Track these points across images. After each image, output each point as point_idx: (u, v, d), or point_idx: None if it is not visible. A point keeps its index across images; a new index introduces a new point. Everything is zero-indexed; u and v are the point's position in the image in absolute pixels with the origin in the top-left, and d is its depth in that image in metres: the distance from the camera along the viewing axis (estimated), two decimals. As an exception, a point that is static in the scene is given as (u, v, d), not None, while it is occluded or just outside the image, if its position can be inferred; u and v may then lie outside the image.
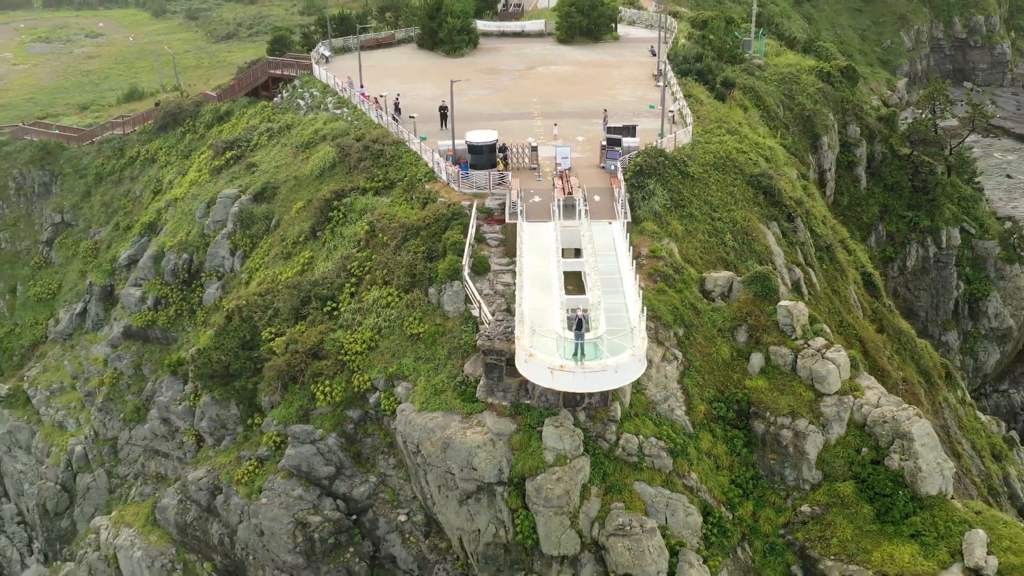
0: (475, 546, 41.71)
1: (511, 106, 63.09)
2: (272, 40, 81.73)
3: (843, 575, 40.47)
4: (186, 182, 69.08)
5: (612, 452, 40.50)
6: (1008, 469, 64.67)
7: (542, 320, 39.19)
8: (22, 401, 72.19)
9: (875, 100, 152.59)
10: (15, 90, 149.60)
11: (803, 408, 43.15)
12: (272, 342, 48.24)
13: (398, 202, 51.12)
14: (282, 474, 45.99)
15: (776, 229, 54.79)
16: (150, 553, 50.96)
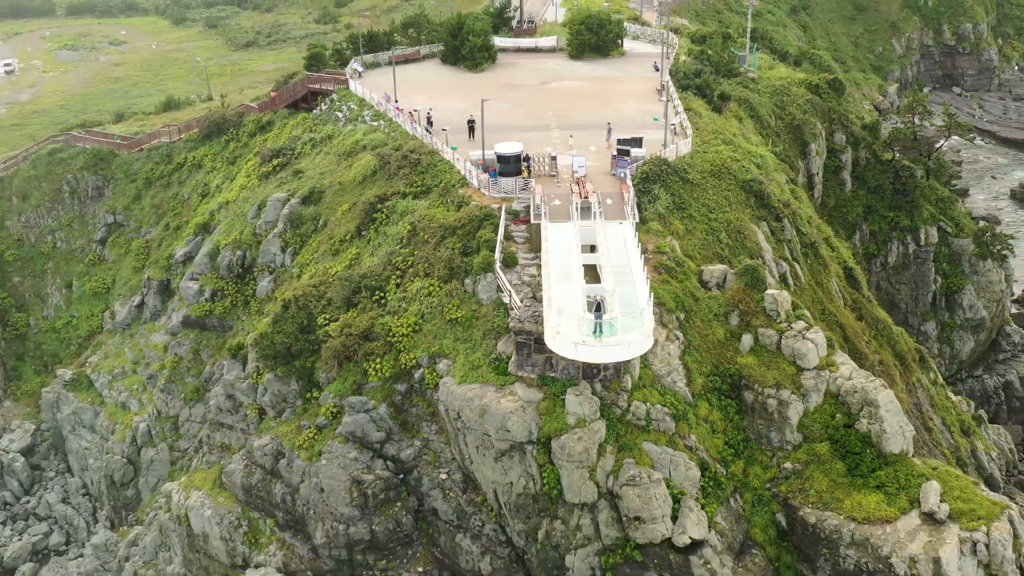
0: (508, 497, 49.21)
1: (530, 118, 70.59)
2: (308, 57, 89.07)
3: (819, 520, 47.97)
4: (236, 186, 76.61)
5: (624, 417, 48.00)
6: (976, 443, 72.12)
7: (566, 305, 46.65)
8: (85, 385, 79.67)
9: (867, 105, 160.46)
10: (48, 96, 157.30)
11: (786, 381, 50.64)
12: (328, 326, 55.73)
13: (435, 205, 58.62)
14: (339, 439, 53.47)
15: (765, 228, 62.22)
16: (218, 512, 58.38)
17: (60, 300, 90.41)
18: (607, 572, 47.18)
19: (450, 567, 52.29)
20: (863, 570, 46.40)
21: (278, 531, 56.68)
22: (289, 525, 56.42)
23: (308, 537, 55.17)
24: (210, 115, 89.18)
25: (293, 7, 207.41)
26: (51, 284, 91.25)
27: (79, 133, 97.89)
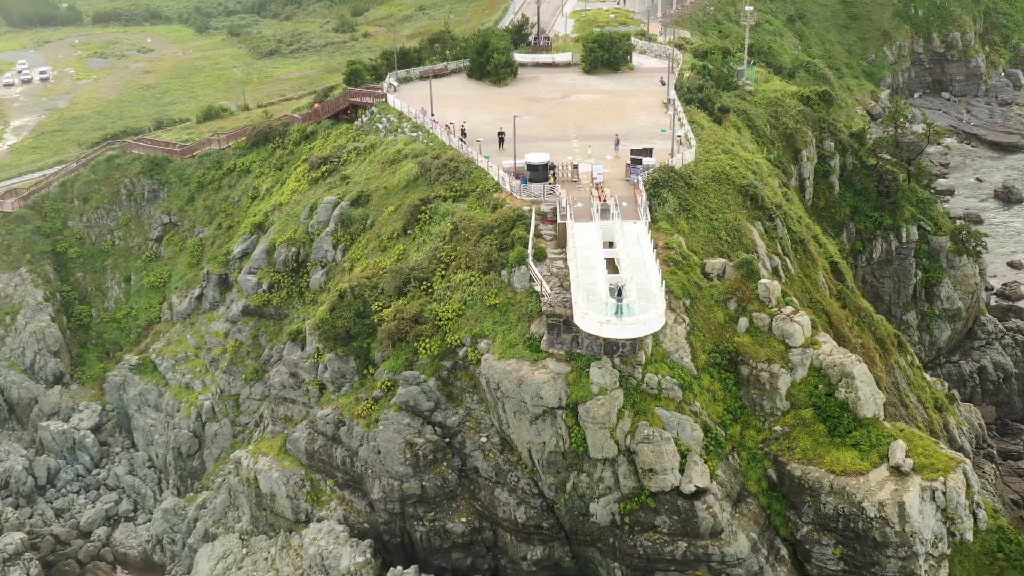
0: (540, 455, 58.11)
1: (552, 130, 79.46)
2: (348, 73, 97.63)
3: (804, 473, 56.88)
4: (287, 190, 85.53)
5: (639, 386, 56.89)
6: (948, 419, 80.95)
7: (591, 291, 55.55)
8: (150, 369, 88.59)
9: (859, 110, 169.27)
10: (84, 103, 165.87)
11: (776, 357, 59.53)
12: (382, 312, 64.66)
13: (473, 207, 67.55)
14: (394, 408, 62.35)
15: (760, 227, 71.13)
16: (284, 474, 67.27)
17: (119, 293, 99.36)
18: (625, 516, 56.13)
19: (489, 517, 61.18)
20: (840, 514, 55.32)
21: (338, 489, 65.61)
22: (348, 484, 65.30)
23: (365, 494, 64.05)
24: (257, 124, 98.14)
25: (311, 16, 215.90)
26: (111, 279, 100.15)
27: (133, 141, 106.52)
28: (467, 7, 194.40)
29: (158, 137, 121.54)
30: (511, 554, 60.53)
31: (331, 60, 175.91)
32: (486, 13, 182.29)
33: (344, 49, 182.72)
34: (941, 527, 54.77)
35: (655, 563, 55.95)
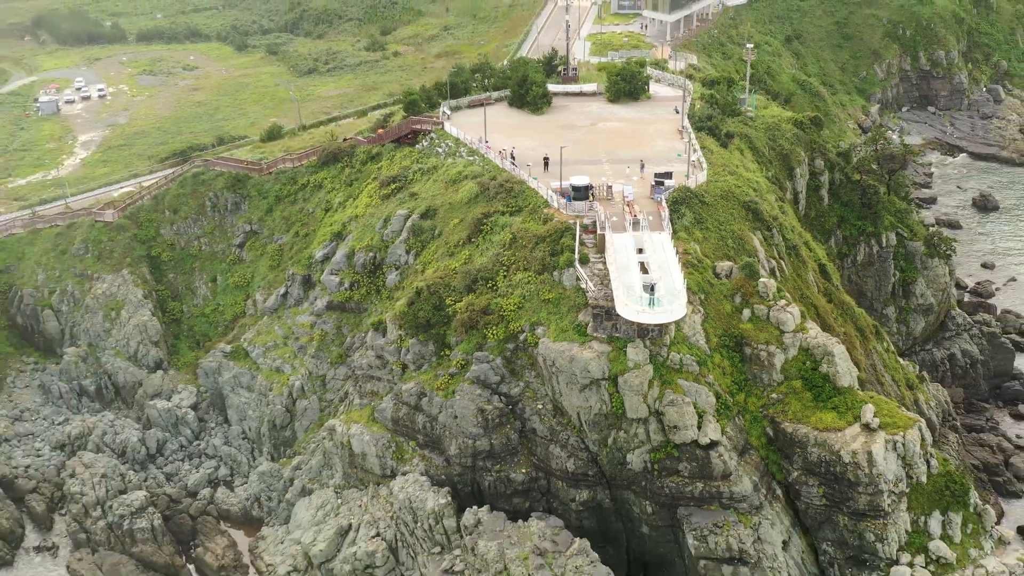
0: (587, 416, 73.75)
1: (586, 154, 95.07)
2: (406, 104, 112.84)
3: (794, 430, 72.58)
4: (361, 204, 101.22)
5: (665, 362, 72.50)
6: (918, 395, 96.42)
7: (628, 288, 71.22)
8: (242, 355, 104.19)
9: (851, 124, 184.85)
10: (143, 119, 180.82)
11: (773, 340, 75.22)
12: (456, 305, 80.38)
13: (527, 220, 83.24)
14: (467, 381, 78.00)
15: (760, 236, 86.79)
16: (374, 437, 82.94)
17: (207, 292, 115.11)
18: (655, 464, 71.83)
19: (544, 468, 76.84)
20: (822, 461, 71.05)
21: (419, 449, 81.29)
22: (427, 444, 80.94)
23: (443, 451, 79.68)
24: (327, 146, 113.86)
25: (341, 34, 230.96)
26: (199, 279, 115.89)
27: (216, 159, 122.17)
28: (488, 27, 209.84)
29: (220, 153, 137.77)
30: (561, 497, 76.19)
31: (366, 79, 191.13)
32: (507, 35, 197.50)
33: (377, 68, 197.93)
34: (901, 471, 70.48)
35: (678, 500, 71.69)
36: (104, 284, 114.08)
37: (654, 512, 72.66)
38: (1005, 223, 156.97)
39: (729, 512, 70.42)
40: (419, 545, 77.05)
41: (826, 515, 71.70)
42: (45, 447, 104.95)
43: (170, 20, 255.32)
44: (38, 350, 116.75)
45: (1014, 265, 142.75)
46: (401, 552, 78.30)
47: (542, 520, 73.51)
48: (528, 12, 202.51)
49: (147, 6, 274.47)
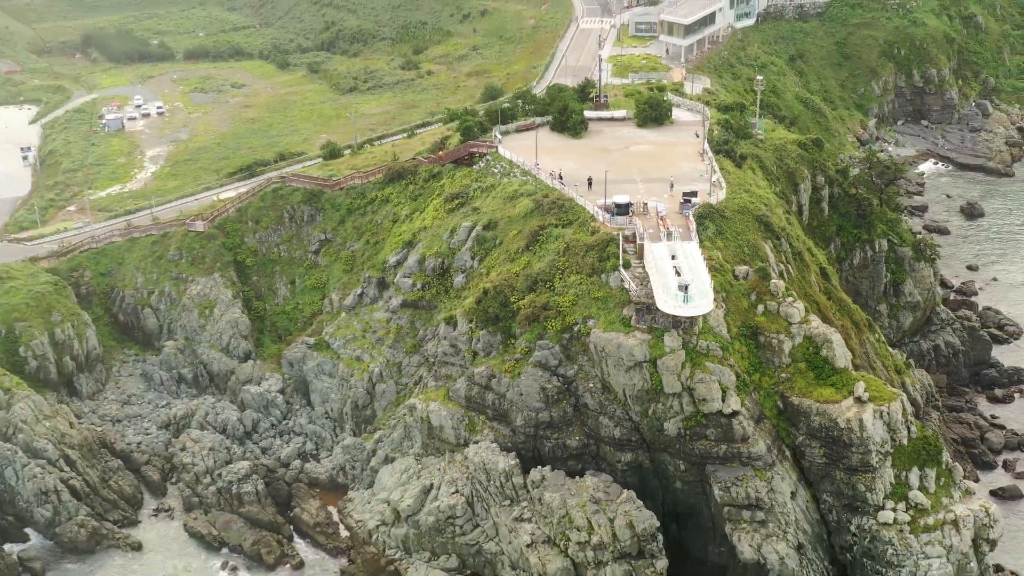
0: (631, 392, 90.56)
1: (621, 175, 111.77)
2: (463, 129, 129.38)
3: (800, 403, 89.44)
4: (428, 217, 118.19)
5: (695, 348, 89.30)
6: (904, 379, 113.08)
7: (665, 287, 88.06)
8: (324, 347, 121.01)
9: (850, 137, 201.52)
10: (203, 135, 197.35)
11: (782, 329, 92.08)
12: (520, 302, 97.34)
13: (578, 232, 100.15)
14: (531, 365, 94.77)
15: (770, 244, 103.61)
16: (450, 412, 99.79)
17: (286, 292, 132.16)
18: (687, 430, 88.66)
19: (594, 436, 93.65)
20: (823, 427, 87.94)
21: (488, 421, 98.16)
22: (496, 418, 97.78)
23: (509, 423, 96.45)
24: (391, 166, 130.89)
25: (376, 53, 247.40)
26: (279, 281, 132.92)
27: (292, 176, 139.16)
28: (514, 48, 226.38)
29: (282, 168, 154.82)
30: (609, 459, 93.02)
31: (404, 97, 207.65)
32: (533, 55, 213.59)
33: (413, 87, 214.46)
34: (886, 435, 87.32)
35: (706, 459, 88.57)
36: (198, 286, 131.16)
37: (686, 470, 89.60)
38: (989, 229, 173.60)
39: (747, 468, 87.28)
40: (492, 499, 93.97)
41: (825, 471, 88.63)
42: (152, 426, 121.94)
43: (212, 39, 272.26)
44: (137, 344, 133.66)
45: (996, 267, 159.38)
46: (476, 505, 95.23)
47: (595, 476, 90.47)
48: (552, 34, 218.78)
49: (188, 24, 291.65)
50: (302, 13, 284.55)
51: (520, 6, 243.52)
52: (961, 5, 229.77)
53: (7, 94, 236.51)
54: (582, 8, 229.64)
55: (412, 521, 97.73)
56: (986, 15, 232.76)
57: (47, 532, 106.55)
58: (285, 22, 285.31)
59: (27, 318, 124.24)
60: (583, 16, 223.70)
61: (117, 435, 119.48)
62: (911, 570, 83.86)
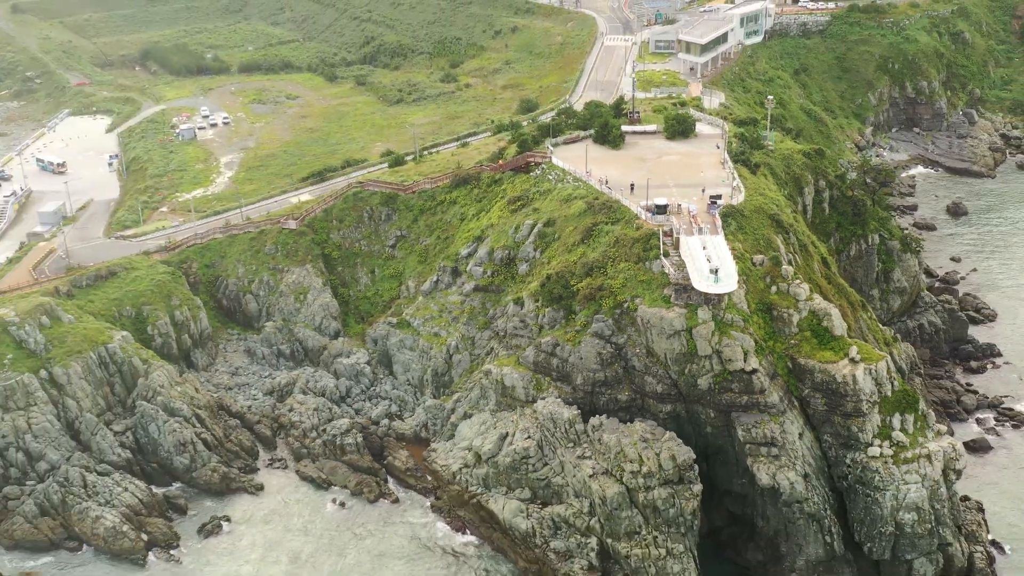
0: (671, 355, 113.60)
1: (657, 180, 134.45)
2: (519, 142, 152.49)
3: (806, 363, 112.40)
4: (494, 216, 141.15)
5: (722, 319, 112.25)
6: (892, 350, 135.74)
7: (699, 271, 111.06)
8: (405, 325, 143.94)
9: (848, 143, 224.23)
10: (268, 143, 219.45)
11: (791, 305, 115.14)
12: (579, 285, 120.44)
13: (625, 228, 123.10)
14: (589, 335, 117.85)
15: (781, 238, 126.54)
16: (520, 375, 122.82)
17: (367, 281, 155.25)
18: (716, 385, 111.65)
19: (640, 391, 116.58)
20: (823, 382, 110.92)
21: (553, 382, 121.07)
22: (559, 378, 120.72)
23: (571, 382, 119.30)
24: (457, 172, 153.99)
25: (415, 67, 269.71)
26: (361, 271, 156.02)
27: (369, 182, 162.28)
28: (544, 63, 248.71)
29: (349, 173, 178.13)
30: (652, 410, 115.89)
31: (447, 108, 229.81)
32: (562, 70, 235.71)
33: (454, 98, 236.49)
34: (874, 387, 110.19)
35: (731, 408, 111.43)
36: (293, 275, 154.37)
37: (715, 416, 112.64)
38: (972, 226, 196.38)
39: (764, 415, 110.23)
40: (558, 443, 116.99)
41: (826, 416, 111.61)
42: (259, 393, 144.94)
43: (262, 52, 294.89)
44: (239, 325, 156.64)
45: (976, 259, 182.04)
46: (545, 448, 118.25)
47: (643, 422, 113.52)
48: (579, 51, 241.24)
49: (236, 38, 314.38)
50: (343, 28, 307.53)
51: (548, 23, 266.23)
52: (950, 23, 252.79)
53: (80, 105, 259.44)
54: (605, 26, 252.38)
55: (491, 462, 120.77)
56: (972, 32, 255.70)
57: (185, 477, 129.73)
58: (327, 36, 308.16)
59: (152, 302, 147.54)
60: (607, 33, 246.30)
61: (231, 399, 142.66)
62: (893, 493, 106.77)
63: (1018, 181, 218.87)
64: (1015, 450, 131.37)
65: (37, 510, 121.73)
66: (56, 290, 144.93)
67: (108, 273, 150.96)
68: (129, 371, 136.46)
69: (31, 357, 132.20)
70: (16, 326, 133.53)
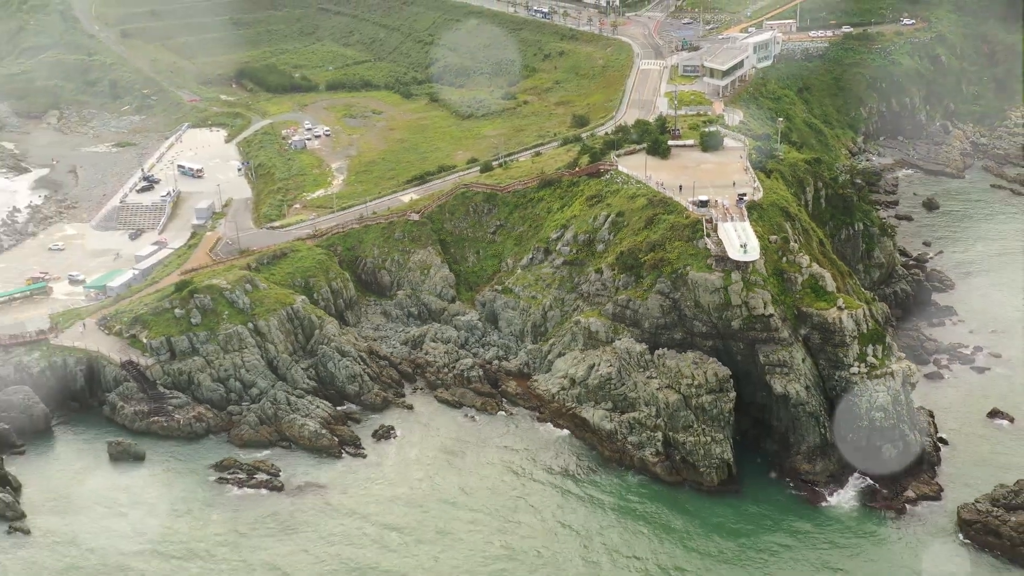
0: (712, 305, 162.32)
1: (698, 183, 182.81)
2: (591, 153, 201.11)
3: (807, 310, 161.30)
4: (576, 209, 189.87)
5: (748, 280, 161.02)
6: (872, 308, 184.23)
7: (732, 245, 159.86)
8: (508, 291, 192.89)
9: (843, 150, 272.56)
10: (367, 152, 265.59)
11: (797, 270, 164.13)
12: (646, 256, 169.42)
13: (677, 217, 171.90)
14: (654, 292, 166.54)
15: (789, 224, 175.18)
16: (602, 323, 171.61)
17: (474, 259, 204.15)
18: (744, 325, 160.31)
19: (690, 331, 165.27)
20: (819, 323, 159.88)
21: (626, 327, 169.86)
22: (631, 324, 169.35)
23: (640, 327, 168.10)
24: (543, 176, 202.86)
25: (477, 85, 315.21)
26: (468, 252, 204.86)
27: (472, 184, 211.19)
28: (589, 83, 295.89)
29: (444, 177, 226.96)
30: (699, 345, 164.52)
31: (511, 122, 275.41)
32: (605, 89, 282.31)
33: (516, 114, 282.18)
34: (854, 326, 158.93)
35: (755, 342, 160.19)
36: (418, 255, 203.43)
37: (743, 348, 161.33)
38: (942, 217, 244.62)
39: (778, 345, 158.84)
40: (632, 368, 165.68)
41: (820, 347, 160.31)
42: (396, 343, 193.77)
43: (342, 72, 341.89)
44: (374, 294, 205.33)
45: (944, 243, 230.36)
46: (623, 372, 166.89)
47: (693, 352, 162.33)
48: (619, 73, 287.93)
49: (315, 59, 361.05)
50: (408, 50, 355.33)
51: (590, 48, 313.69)
52: (929, 48, 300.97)
53: (197, 119, 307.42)
54: (639, 51, 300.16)
55: (583, 384, 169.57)
56: (948, 55, 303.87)
57: (355, 399, 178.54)
58: (395, 57, 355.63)
59: (315, 275, 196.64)
60: (641, 58, 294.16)
61: (378, 347, 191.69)
62: (868, 398, 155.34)
63: (983, 181, 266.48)
64: (960, 379, 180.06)
65: (257, 420, 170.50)
66: (248, 266, 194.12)
67: (280, 254, 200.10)
68: (308, 324, 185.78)
69: (241, 313, 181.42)
70: (229, 291, 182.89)
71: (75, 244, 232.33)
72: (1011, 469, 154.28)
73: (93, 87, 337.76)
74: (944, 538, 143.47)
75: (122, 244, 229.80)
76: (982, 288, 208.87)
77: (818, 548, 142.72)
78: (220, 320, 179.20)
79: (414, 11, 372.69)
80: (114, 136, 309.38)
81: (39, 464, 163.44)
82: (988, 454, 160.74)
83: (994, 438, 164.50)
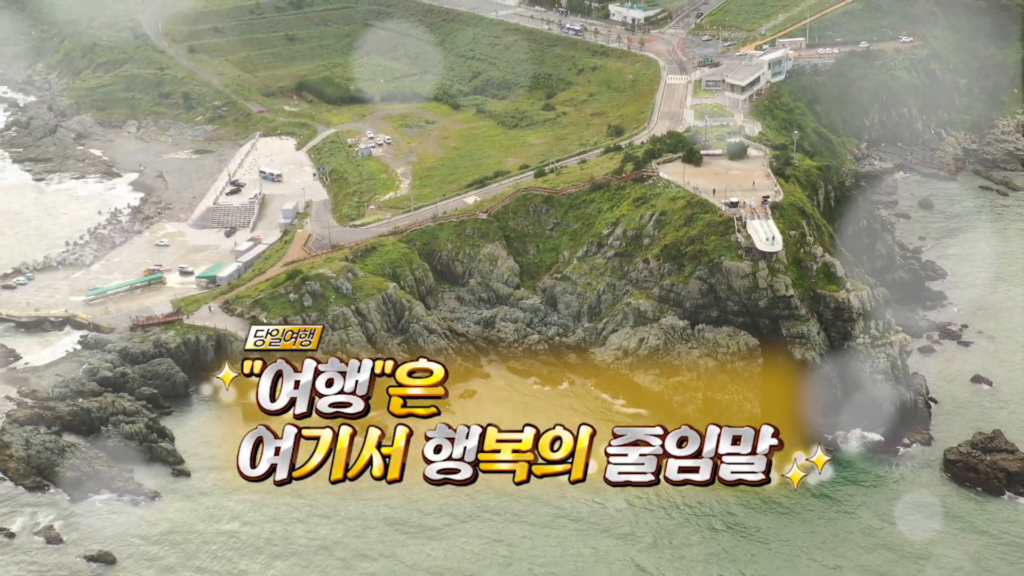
0: (743, 288, 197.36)
1: (728, 187, 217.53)
2: (634, 161, 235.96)
3: (822, 292, 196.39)
4: (624, 209, 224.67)
5: (773, 267, 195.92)
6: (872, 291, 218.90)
7: (759, 238, 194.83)
8: (566, 279, 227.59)
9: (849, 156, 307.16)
10: (427, 159, 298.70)
11: (811, 259, 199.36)
12: (688, 248, 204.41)
13: (712, 216, 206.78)
14: (694, 278, 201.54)
15: (804, 221, 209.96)
16: (650, 304, 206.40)
17: (535, 252, 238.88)
18: (771, 304, 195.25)
19: (724, 311, 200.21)
20: (832, 303, 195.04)
21: (670, 307, 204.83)
22: (675, 304, 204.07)
23: (682, 307, 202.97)
24: (593, 181, 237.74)
25: (518, 97, 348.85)
26: (530, 246, 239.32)
27: (532, 187, 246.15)
28: (620, 95, 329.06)
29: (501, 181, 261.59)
30: (732, 321, 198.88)
31: (553, 131, 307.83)
32: (636, 102, 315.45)
33: (556, 123, 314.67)
34: (860, 305, 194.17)
35: (779, 317, 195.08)
36: (487, 249, 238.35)
37: (769, 323, 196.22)
38: (936, 215, 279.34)
39: (798, 321, 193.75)
40: (676, 341, 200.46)
41: (832, 322, 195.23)
42: (471, 323, 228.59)
43: (392, 84, 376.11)
44: (448, 282, 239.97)
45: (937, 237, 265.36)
46: (668, 344, 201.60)
47: (727, 327, 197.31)
48: (648, 87, 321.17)
49: (366, 72, 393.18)
50: (452, 64, 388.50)
51: (620, 64, 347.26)
52: (925, 63, 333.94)
53: (266, 128, 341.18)
54: (665, 66, 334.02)
55: (634, 355, 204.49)
56: (942, 70, 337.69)
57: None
58: (439, 70, 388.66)
59: (400, 265, 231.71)
60: (668, 73, 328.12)
61: (456, 326, 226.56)
62: (871, 364, 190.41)
63: (972, 183, 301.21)
64: (948, 351, 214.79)
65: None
66: (346, 257, 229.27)
67: (370, 248, 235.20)
68: (399, 307, 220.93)
69: (344, 297, 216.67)
70: (334, 279, 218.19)
71: (178, 241, 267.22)
72: (989, 422, 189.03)
73: (167, 99, 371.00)
74: (932, 473, 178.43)
75: (219, 241, 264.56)
76: (970, 276, 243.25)
77: (828, 482, 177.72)
78: (328, 303, 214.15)
79: (454, 27, 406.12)
80: (191, 144, 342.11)
81: (184, 420, 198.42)
82: (970, 410, 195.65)
83: (976, 398, 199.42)
